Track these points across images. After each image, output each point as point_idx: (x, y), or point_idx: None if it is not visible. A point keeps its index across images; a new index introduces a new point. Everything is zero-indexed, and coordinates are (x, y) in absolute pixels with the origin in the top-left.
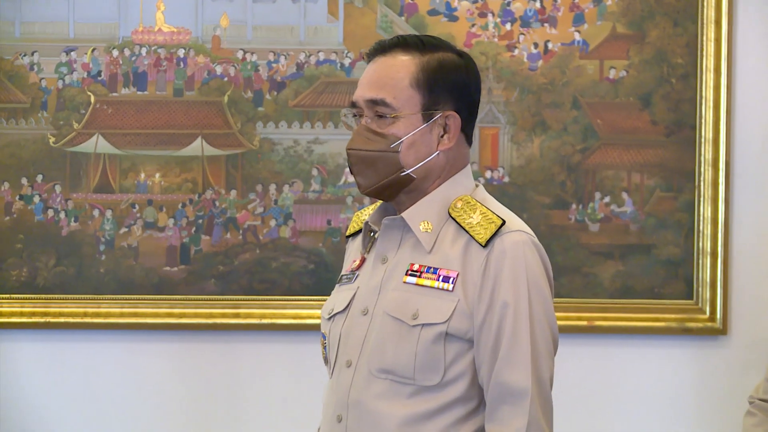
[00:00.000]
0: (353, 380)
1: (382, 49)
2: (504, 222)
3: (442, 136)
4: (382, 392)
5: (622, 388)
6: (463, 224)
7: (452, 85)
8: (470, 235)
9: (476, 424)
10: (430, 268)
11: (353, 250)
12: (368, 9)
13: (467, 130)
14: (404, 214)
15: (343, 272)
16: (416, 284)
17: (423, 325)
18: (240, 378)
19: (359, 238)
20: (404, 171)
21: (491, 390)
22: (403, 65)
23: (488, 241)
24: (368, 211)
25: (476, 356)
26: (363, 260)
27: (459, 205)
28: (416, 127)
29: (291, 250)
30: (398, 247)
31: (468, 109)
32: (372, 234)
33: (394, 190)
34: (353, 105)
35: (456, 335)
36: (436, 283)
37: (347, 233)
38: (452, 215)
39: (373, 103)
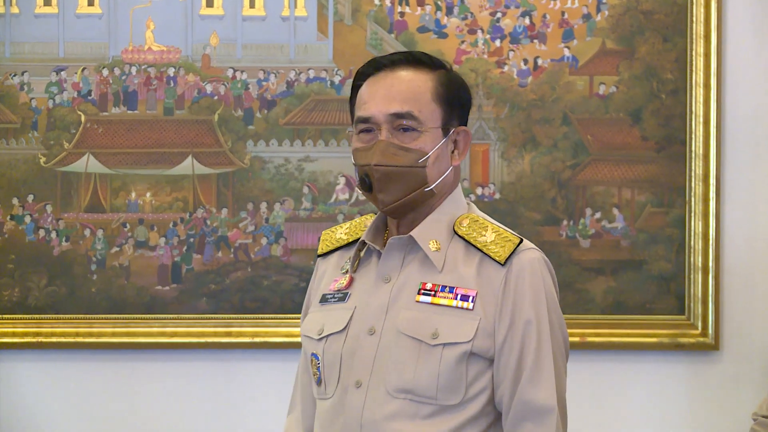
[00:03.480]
0: (366, 400)
1: (392, 63)
2: (522, 240)
3: (452, 152)
4: (399, 412)
5: (614, 404)
6: (474, 243)
7: (463, 101)
8: (484, 253)
9: None
10: (446, 287)
11: (329, 269)
12: (358, 27)
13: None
14: (413, 234)
15: (324, 291)
16: (431, 303)
17: (444, 344)
18: (232, 396)
19: (334, 257)
20: (428, 186)
21: (514, 408)
22: (422, 80)
23: (507, 259)
24: (342, 229)
25: (496, 374)
26: (352, 279)
27: (465, 223)
28: (438, 141)
29: (282, 268)
30: (401, 266)
31: (467, 124)
32: (360, 252)
33: (413, 206)
34: (364, 120)
35: (479, 354)
36: (454, 302)
37: (319, 252)
38: (459, 233)
39: (398, 116)
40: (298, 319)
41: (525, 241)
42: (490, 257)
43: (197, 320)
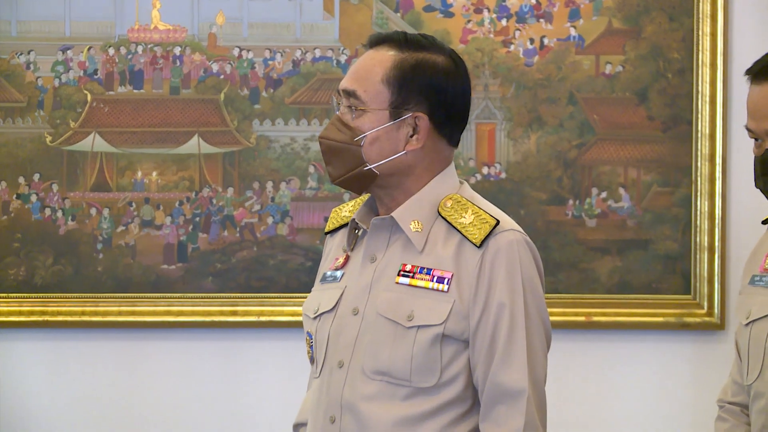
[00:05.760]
0: (346, 381)
1: (377, 41)
2: (498, 222)
3: (411, 136)
4: (377, 393)
5: (619, 383)
6: (454, 224)
7: (426, 86)
8: (463, 234)
9: (471, 424)
10: (423, 268)
11: (334, 247)
12: (364, 5)
13: (445, 132)
14: (394, 214)
15: (325, 270)
16: (409, 285)
17: (419, 326)
18: (238, 375)
19: (339, 234)
20: (367, 166)
21: (487, 390)
22: (380, 61)
23: (483, 241)
24: (348, 207)
25: (471, 357)
26: (347, 258)
27: (449, 204)
28: (381, 123)
29: (288, 248)
30: (386, 246)
31: (445, 112)
32: (357, 231)
33: (362, 184)
34: (338, 94)
35: (452, 336)
36: (430, 284)
37: (326, 230)
38: (442, 214)
39: (347, 94)
40: (304, 298)
41: (503, 222)
42: (468, 239)
43: (203, 299)
